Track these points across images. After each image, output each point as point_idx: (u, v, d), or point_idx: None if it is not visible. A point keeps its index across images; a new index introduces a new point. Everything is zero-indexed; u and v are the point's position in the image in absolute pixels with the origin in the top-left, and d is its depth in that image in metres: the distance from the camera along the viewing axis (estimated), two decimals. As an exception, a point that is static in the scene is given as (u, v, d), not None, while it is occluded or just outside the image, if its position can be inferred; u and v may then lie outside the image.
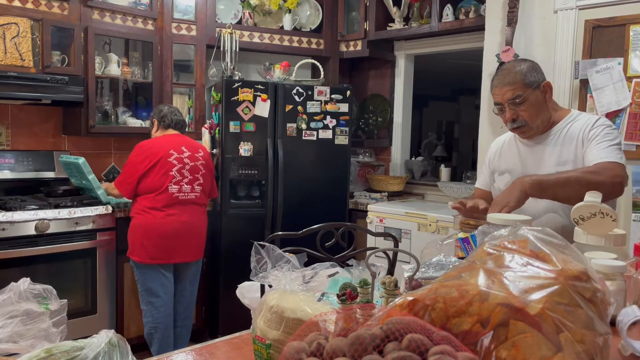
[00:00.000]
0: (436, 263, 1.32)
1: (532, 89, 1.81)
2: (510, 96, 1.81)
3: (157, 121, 3.10)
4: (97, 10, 3.35)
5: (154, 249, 2.88)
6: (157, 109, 3.16)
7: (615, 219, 1.38)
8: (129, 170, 2.92)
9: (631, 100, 2.58)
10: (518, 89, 1.80)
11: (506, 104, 1.82)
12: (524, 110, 1.81)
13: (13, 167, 3.28)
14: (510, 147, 2.01)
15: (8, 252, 2.79)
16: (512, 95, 1.80)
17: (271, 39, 3.96)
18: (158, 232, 2.88)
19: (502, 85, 1.83)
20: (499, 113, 1.88)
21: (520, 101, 1.80)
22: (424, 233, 3.30)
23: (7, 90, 2.94)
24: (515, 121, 1.84)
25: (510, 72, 1.83)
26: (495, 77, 1.89)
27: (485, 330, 0.77)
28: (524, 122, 1.83)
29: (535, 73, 1.84)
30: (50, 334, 1.10)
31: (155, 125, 3.11)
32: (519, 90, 1.80)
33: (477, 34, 3.42)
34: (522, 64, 1.86)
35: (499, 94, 1.84)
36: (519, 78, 1.81)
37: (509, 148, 2.01)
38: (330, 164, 3.65)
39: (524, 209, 1.82)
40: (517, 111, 1.82)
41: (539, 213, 1.83)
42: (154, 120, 3.12)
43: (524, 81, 1.81)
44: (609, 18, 2.64)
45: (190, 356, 1.11)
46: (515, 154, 1.97)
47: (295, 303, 1.00)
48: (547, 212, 1.82)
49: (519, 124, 1.84)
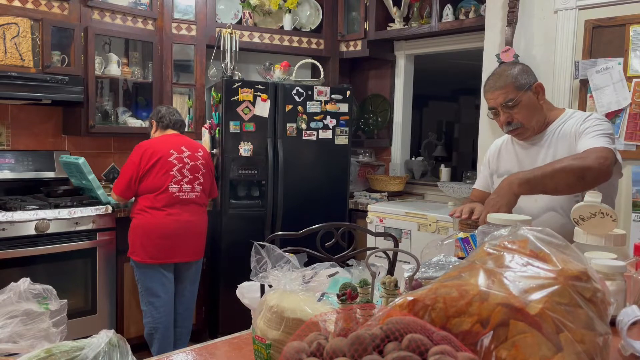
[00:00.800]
0: (436, 263, 1.32)
1: (523, 91, 1.82)
2: (502, 100, 1.83)
3: (156, 122, 3.10)
4: (97, 10, 3.35)
5: (154, 248, 2.88)
6: (155, 110, 3.17)
7: (615, 219, 1.38)
8: (128, 171, 2.91)
9: (631, 100, 2.58)
10: (510, 92, 1.82)
11: (500, 107, 1.84)
12: (517, 112, 1.83)
13: (13, 167, 3.28)
14: (507, 149, 2.02)
15: (8, 252, 2.79)
16: (505, 98, 1.82)
17: (271, 39, 3.96)
18: (158, 232, 2.88)
19: (493, 89, 1.85)
20: (494, 117, 1.90)
21: (513, 104, 1.82)
22: (424, 233, 3.30)
23: (7, 90, 2.94)
24: (510, 124, 1.85)
25: (501, 76, 1.86)
26: (486, 82, 1.91)
27: (485, 330, 0.77)
28: (519, 124, 1.84)
29: (526, 75, 1.85)
30: (50, 334, 1.10)
31: (154, 126, 3.11)
32: (511, 93, 1.82)
33: (477, 34, 3.42)
34: (512, 68, 1.89)
35: (492, 98, 1.86)
36: (510, 81, 1.83)
37: (506, 150, 2.03)
38: (330, 164, 3.65)
39: (523, 209, 1.83)
40: (512, 114, 1.84)
41: (539, 212, 1.83)
42: (152, 122, 3.13)
43: (514, 84, 1.82)
44: (609, 18, 2.63)
45: (190, 356, 1.11)
46: (512, 156, 1.99)
47: (295, 303, 1.00)
48: (546, 210, 1.83)
49: (514, 127, 1.86)
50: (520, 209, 1.84)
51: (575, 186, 1.67)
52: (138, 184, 2.90)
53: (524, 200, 1.84)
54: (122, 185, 2.93)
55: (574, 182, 1.64)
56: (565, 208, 1.79)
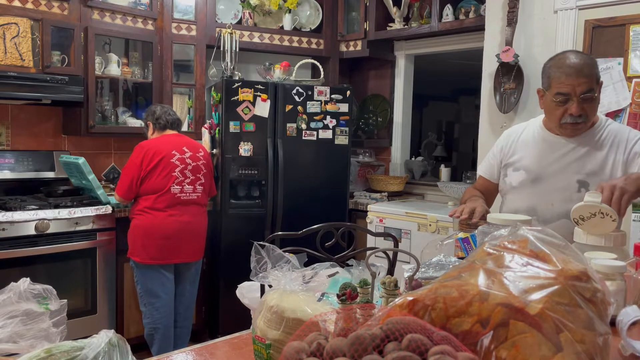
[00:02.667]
0: (436, 263, 1.32)
1: (599, 85, 1.74)
2: (584, 89, 1.69)
3: (152, 124, 3.06)
4: (97, 10, 3.35)
5: (155, 249, 2.88)
6: (150, 110, 3.12)
7: (615, 219, 1.38)
8: (130, 173, 2.90)
9: (631, 100, 2.58)
10: (593, 83, 1.70)
11: (577, 96, 1.69)
12: (590, 106, 1.71)
13: (13, 167, 3.28)
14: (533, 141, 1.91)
15: (8, 252, 2.79)
16: (587, 88, 1.69)
17: (271, 39, 3.96)
18: (160, 233, 2.88)
19: (578, 75, 1.68)
20: (559, 104, 1.73)
21: (591, 97, 1.70)
22: (424, 233, 3.30)
23: (7, 90, 2.94)
24: (580, 116, 1.72)
25: (586, 64, 1.71)
26: (568, 64, 1.72)
27: (485, 330, 0.77)
28: (586, 118, 1.73)
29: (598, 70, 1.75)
30: (50, 334, 1.10)
31: (151, 128, 3.07)
32: (594, 84, 1.70)
33: (477, 34, 3.42)
34: (591, 58, 1.77)
35: (572, 84, 1.69)
36: (595, 72, 1.71)
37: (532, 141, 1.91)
38: (330, 164, 3.65)
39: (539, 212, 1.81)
40: (584, 106, 1.71)
41: (552, 217, 1.81)
42: (148, 123, 3.09)
43: (597, 76, 1.72)
44: (609, 18, 2.63)
45: (190, 356, 1.11)
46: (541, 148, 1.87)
47: (295, 303, 1.00)
48: (560, 217, 1.79)
49: (582, 120, 1.73)
50: (536, 212, 1.82)
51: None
52: (139, 185, 2.89)
53: (541, 203, 1.82)
54: (124, 186, 2.92)
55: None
56: None
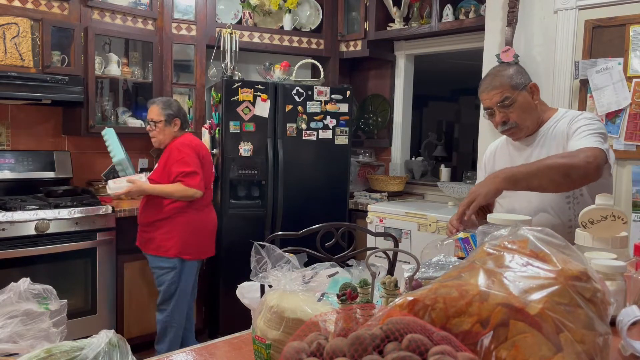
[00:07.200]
0: (436, 263, 1.32)
1: (519, 90, 1.82)
2: (498, 99, 1.82)
3: (182, 122, 2.93)
4: (97, 10, 3.35)
5: (206, 245, 3.01)
6: (174, 106, 2.92)
7: (625, 221, 1.35)
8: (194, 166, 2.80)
9: (631, 100, 2.58)
10: (506, 92, 1.81)
11: (495, 107, 1.84)
12: (513, 112, 1.82)
13: (13, 167, 3.28)
14: (502, 151, 2.03)
15: (8, 252, 2.79)
16: (501, 97, 1.81)
17: (271, 39, 3.96)
18: (209, 227, 3.02)
19: (489, 89, 1.84)
20: (489, 118, 1.90)
21: (508, 103, 1.81)
22: (424, 233, 3.30)
23: (7, 90, 2.94)
24: (505, 123, 1.85)
25: (496, 76, 1.85)
26: (482, 83, 1.90)
27: (485, 330, 0.77)
28: (514, 123, 1.84)
29: (520, 75, 1.85)
30: (50, 334, 1.10)
31: (178, 125, 2.91)
32: (506, 92, 1.81)
33: (477, 34, 3.42)
34: (507, 68, 1.89)
35: (487, 98, 1.85)
36: (505, 81, 1.83)
37: (501, 152, 2.03)
38: (330, 164, 3.65)
39: (517, 209, 1.83)
40: (507, 113, 1.83)
41: (531, 213, 1.81)
42: (176, 121, 2.90)
43: (510, 84, 1.82)
44: (609, 18, 2.63)
45: (190, 356, 1.11)
46: (506, 157, 1.98)
47: (295, 303, 1.00)
48: (538, 212, 1.82)
49: (509, 126, 1.85)
50: (515, 209, 1.84)
51: (560, 184, 1.64)
52: None
53: (518, 200, 1.85)
54: (197, 177, 2.80)
55: (559, 180, 1.61)
56: (556, 209, 1.79)
